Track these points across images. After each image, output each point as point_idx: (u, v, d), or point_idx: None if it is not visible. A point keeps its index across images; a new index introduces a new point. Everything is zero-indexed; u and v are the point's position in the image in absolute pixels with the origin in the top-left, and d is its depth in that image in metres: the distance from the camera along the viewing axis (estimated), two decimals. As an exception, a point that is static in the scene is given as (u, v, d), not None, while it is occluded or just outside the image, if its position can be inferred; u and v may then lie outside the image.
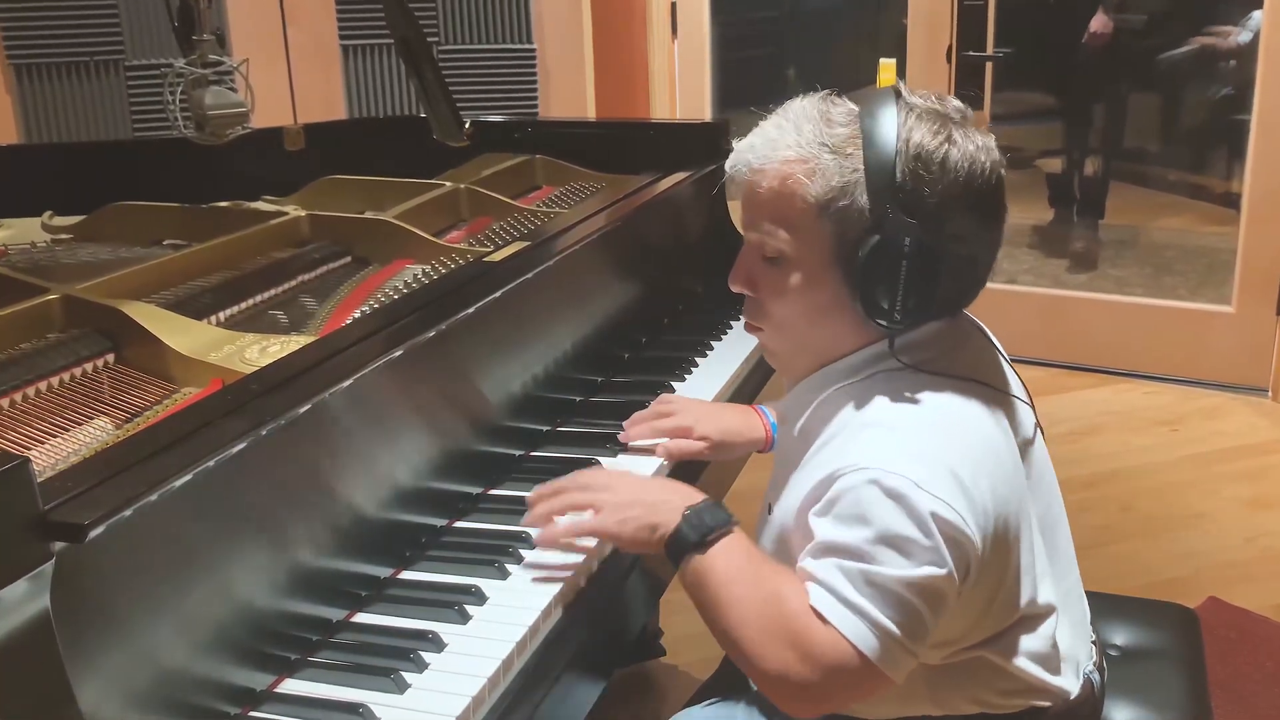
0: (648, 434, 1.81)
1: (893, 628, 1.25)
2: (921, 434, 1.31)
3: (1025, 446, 1.42)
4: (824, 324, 1.41)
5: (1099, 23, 4.83)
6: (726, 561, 1.36)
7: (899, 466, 1.26)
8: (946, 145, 1.33)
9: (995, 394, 1.41)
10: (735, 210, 1.53)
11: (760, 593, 1.32)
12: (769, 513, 1.52)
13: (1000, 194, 1.37)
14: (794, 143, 1.36)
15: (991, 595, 1.35)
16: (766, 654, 1.30)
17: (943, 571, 1.24)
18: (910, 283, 1.32)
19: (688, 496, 1.44)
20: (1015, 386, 1.47)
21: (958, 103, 1.40)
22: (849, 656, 1.25)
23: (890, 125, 1.33)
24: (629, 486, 1.51)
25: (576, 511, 1.51)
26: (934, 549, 1.24)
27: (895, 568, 1.24)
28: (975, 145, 1.35)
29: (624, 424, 1.84)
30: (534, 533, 1.57)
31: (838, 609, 1.26)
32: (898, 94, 1.37)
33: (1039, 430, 1.50)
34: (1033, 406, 1.50)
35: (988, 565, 1.30)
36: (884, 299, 1.34)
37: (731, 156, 1.43)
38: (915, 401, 1.35)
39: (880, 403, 1.35)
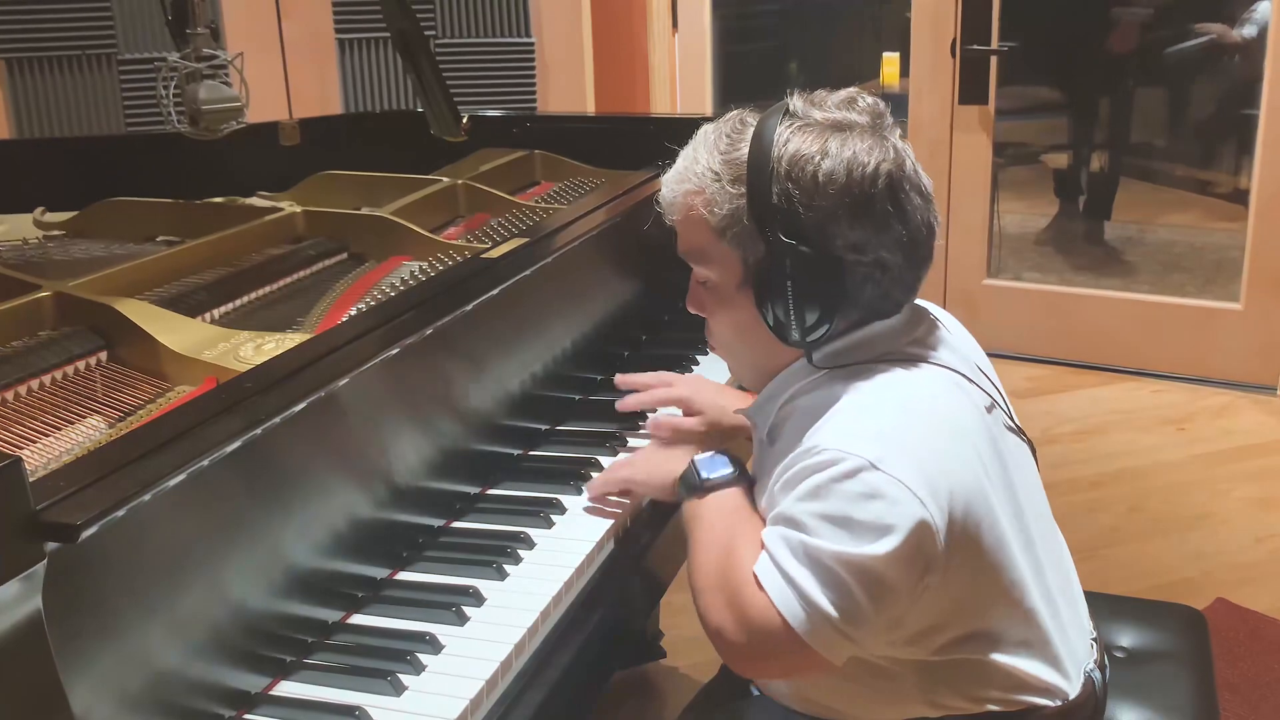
0: (646, 403, 1.85)
1: (827, 607, 1.28)
2: (880, 414, 1.34)
3: (994, 436, 1.42)
4: (754, 342, 1.45)
5: (1120, 34, 4.83)
6: (708, 513, 1.46)
7: (856, 446, 1.29)
8: (819, 158, 1.33)
9: (955, 377, 1.42)
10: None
11: (720, 547, 1.40)
12: None
13: (895, 193, 1.35)
14: (692, 174, 1.42)
15: (969, 578, 1.35)
16: (710, 606, 1.38)
17: (883, 552, 1.26)
18: (802, 301, 1.35)
19: (705, 448, 1.56)
20: (986, 384, 1.48)
21: (869, 102, 1.40)
22: (776, 625, 1.30)
23: (767, 145, 1.35)
24: (660, 450, 1.68)
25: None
26: (881, 530, 1.26)
27: (835, 543, 1.27)
28: (853, 151, 1.34)
29: (616, 379, 1.90)
30: (533, 533, 1.58)
31: (773, 576, 1.31)
32: (786, 109, 1.39)
33: (1018, 430, 1.49)
34: (1008, 404, 1.51)
35: (957, 547, 1.31)
36: (783, 316, 1.37)
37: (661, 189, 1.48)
38: (874, 389, 1.37)
39: (838, 396, 1.37)
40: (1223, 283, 4.59)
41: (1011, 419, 1.49)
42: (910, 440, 1.31)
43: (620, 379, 1.89)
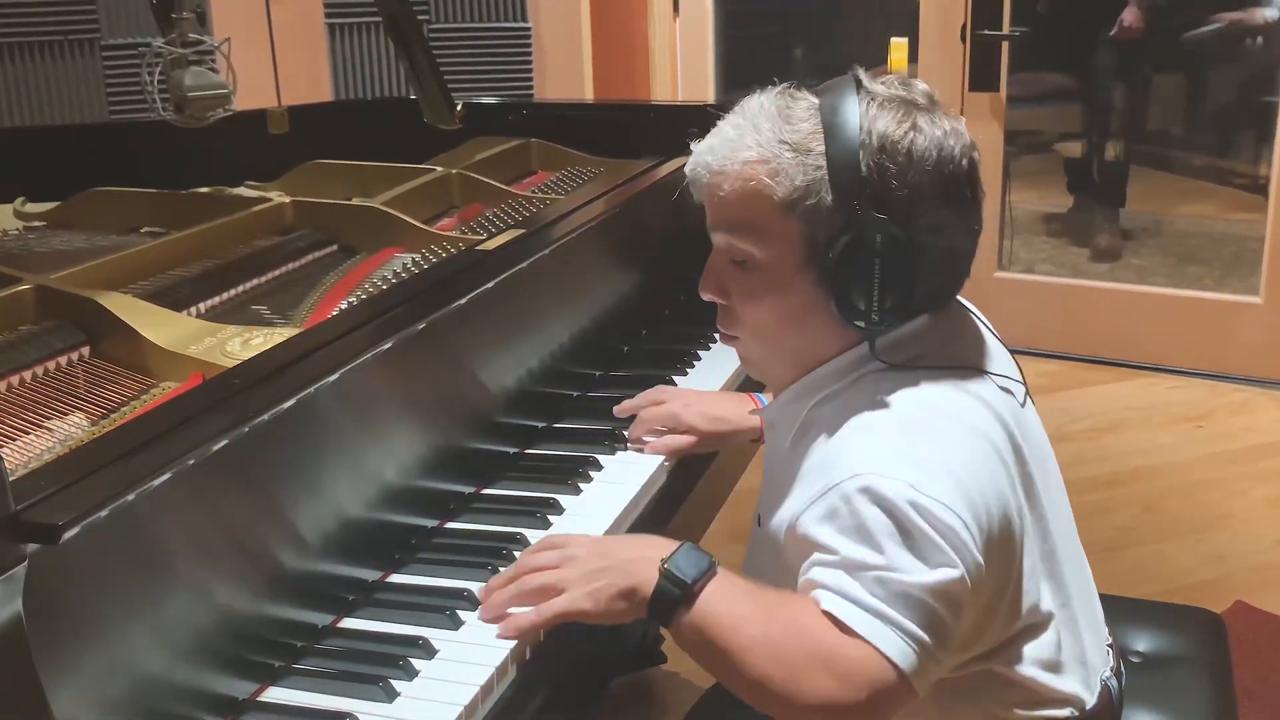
0: (644, 430, 1.83)
1: (924, 635, 1.22)
2: (915, 435, 1.31)
3: (1024, 440, 1.42)
4: (800, 329, 1.41)
5: (1131, 15, 4.82)
6: (728, 606, 1.29)
7: (894, 470, 1.25)
8: (912, 133, 1.32)
9: (993, 386, 1.41)
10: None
11: (775, 626, 1.26)
12: (758, 525, 1.52)
13: (974, 179, 1.37)
14: (754, 143, 1.36)
15: (996, 598, 1.34)
16: (803, 688, 1.22)
17: (956, 574, 1.24)
18: (886, 281, 1.32)
19: (661, 548, 1.34)
20: (1011, 367, 1.48)
21: (924, 86, 1.40)
22: (884, 670, 1.21)
23: (852, 117, 1.33)
24: (592, 551, 1.40)
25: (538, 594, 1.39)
26: (943, 551, 1.23)
27: (913, 574, 1.22)
28: (943, 130, 1.34)
29: (616, 411, 1.88)
30: (529, 534, 1.58)
31: (864, 619, 1.22)
32: (858, 83, 1.37)
33: (1039, 424, 1.49)
34: (1031, 399, 1.50)
35: (991, 566, 1.29)
36: (860, 300, 1.33)
37: (690, 160, 1.43)
38: (907, 401, 1.34)
39: (871, 406, 1.34)
40: (1242, 275, 4.60)
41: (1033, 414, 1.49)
42: (947, 459, 1.28)
43: (619, 411, 1.88)
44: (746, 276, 1.41)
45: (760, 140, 1.36)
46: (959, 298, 1.50)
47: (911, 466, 1.26)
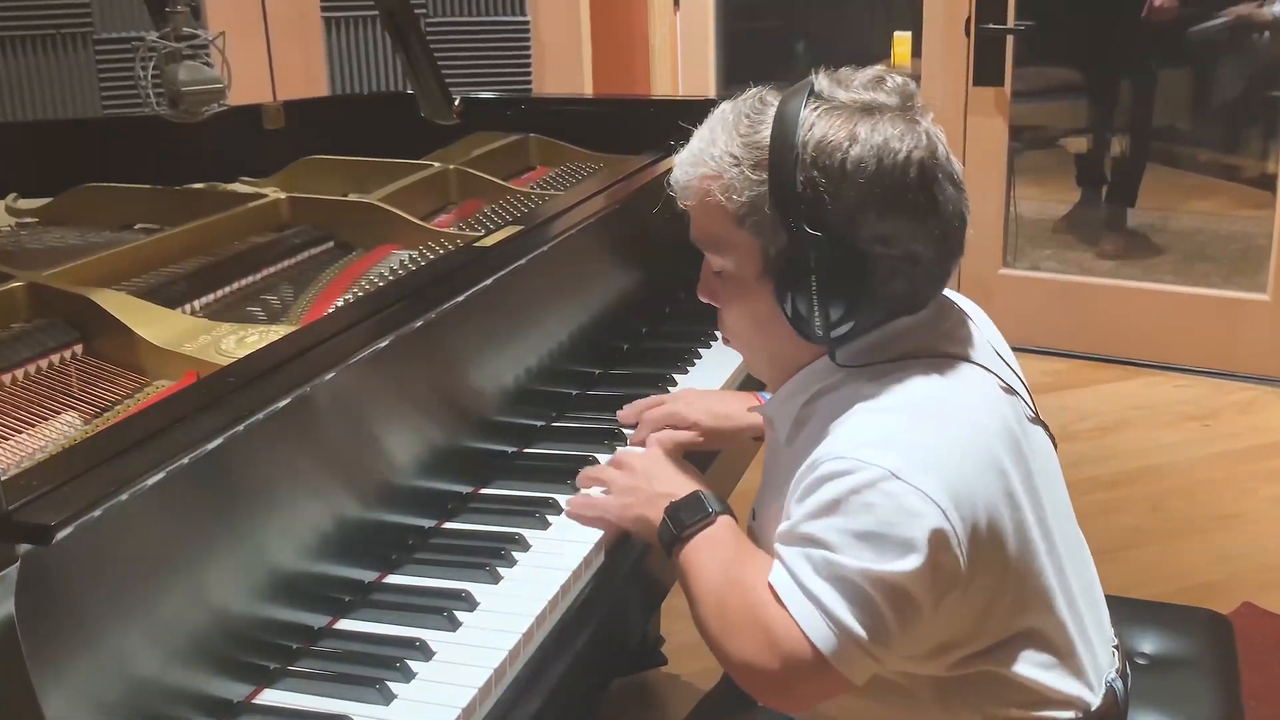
0: (646, 429, 1.83)
1: (855, 627, 1.26)
2: (905, 424, 1.32)
3: (1024, 435, 1.42)
4: (772, 335, 1.43)
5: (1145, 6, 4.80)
6: (703, 556, 1.43)
7: (877, 456, 1.27)
8: (848, 144, 1.30)
9: (984, 377, 1.41)
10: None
11: (725, 581, 1.38)
12: (753, 519, 1.55)
13: (927, 182, 1.33)
14: (709, 156, 1.39)
15: (990, 592, 1.34)
16: (730, 641, 1.35)
17: (910, 568, 1.25)
18: (827, 296, 1.33)
19: (685, 488, 1.51)
20: (1008, 373, 1.47)
21: (898, 82, 1.37)
22: (805, 650, 1.28)
23: (791, 129, 1.32)
24: (644, 472, 1.60)
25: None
26: (905, 544, 1.25)
27: (860, 560, 1.25)
28: (884, 136, 1.31)
29: (617, 415, 1.89)
30: (528, 534, 1.58)
31: (796, 596, 1.29)
32: (810, 89, 1.36)
33: (1039, 421, 1.49)
34: (1029, 395, 1.50)
35: (980, 561, 1.30)
36: (806, 313, 1.35)
37: (673, 171, 1.46)
38: (899, 394, 1.35)
39: (863, 398, 1.35)
40: (1249, 272, 4.59)
41: (1033, 410, 1.49)
42: (934, 449, 1.29)
43: (622, 417, 1.89)
44: (722, 285, 1.45)
45: (714, 154, 1.38)
46: (956, 301, 1.50)
47: (896, 453, 1.27)
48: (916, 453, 1.28)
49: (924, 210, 1.33)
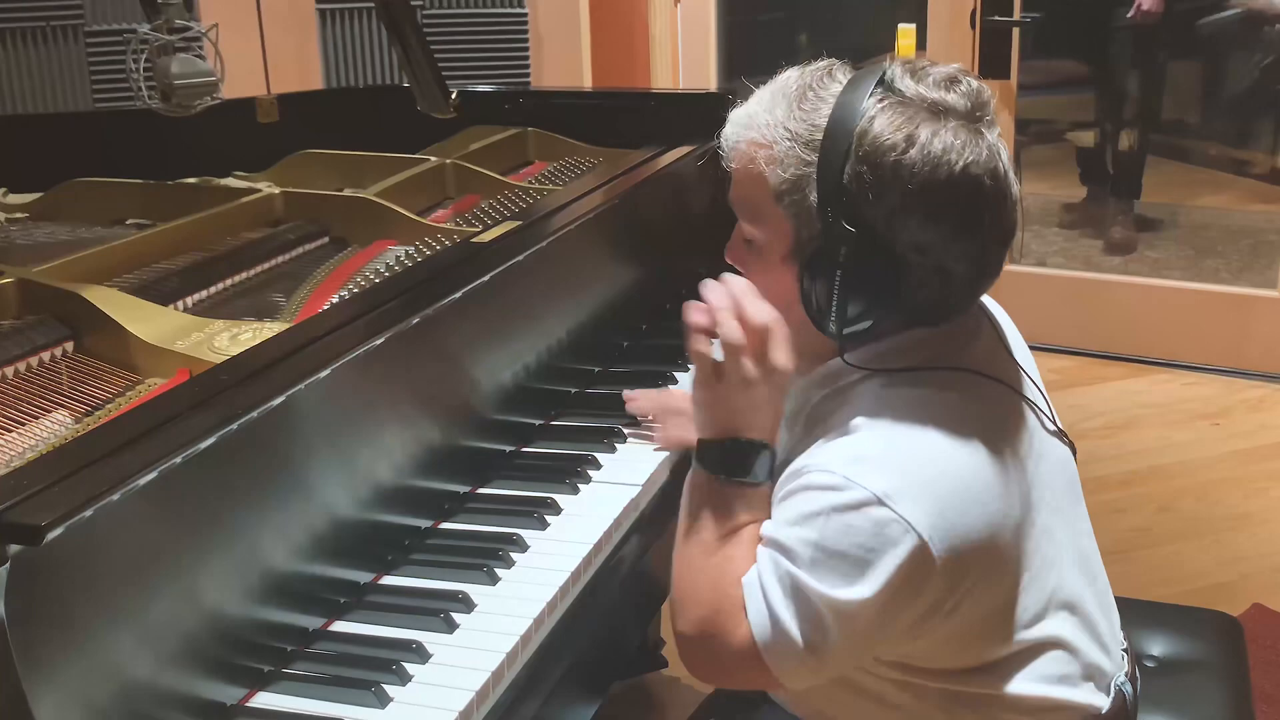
0: (647, 406, 1.85)
1: (796, 636, 1.28)
2: (906, 444, 1.29)
3: (1037, 449, 1.41)
4: (790, 317, 1.38)
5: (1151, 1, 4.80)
6: (715, 504, 1.39)
7: (867, 478, 1.25)
8: (904, 145, 1.26)
9: (999, 393, 1.39)
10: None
11: (710, 554, 1.37)
12: None
13: (978, 199, 1.29)
14: (763, 123, 1.35)
15: (985, 617, 1.34)
16: (683, 611, 1.38)
17: (868, 596, 1.25)
18: (848, 294, 1.30)
19: (765, 431, 1.39)
20: (1026, 383, 1.46)
21: (974, 85, 1.33)
22: (742, 635, 1.31)
23: (852, 117, 1.29)
24: (759, 382, 1.38)
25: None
26: (871, 571, 1.24)
27: (820, 582, 1.26)
28: (945, 145, 1.27)
29: (624, 395, 1.91)
30: (526, 535, 1.58)
31: (754, 593, 1.31)
32: (881, 77, 1.32)
33: (1059, 432, 1.48)
34: (1049, 403, 1.49)
35: (971, 589, 1.29)
36: (823, 307, 1.32)
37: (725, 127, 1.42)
38: (907, 408, 1.32)
39: (870, 409, 1.33)
40: (1260, 268, 4.60)
41: (1054, 421, 1.48)
42: (932, 475, 1.27)
43: (628, 397, 1.90)
44: (748, 255, 1.41)
45: (770, 121, 1.34)
46: (986, 306, 1.48)
47: (886, 477, 1.25)
48: (907, 479, 1.26)
49: (967, 227, 1.30)
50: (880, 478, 1.25)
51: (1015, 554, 1.34)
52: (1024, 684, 1.39)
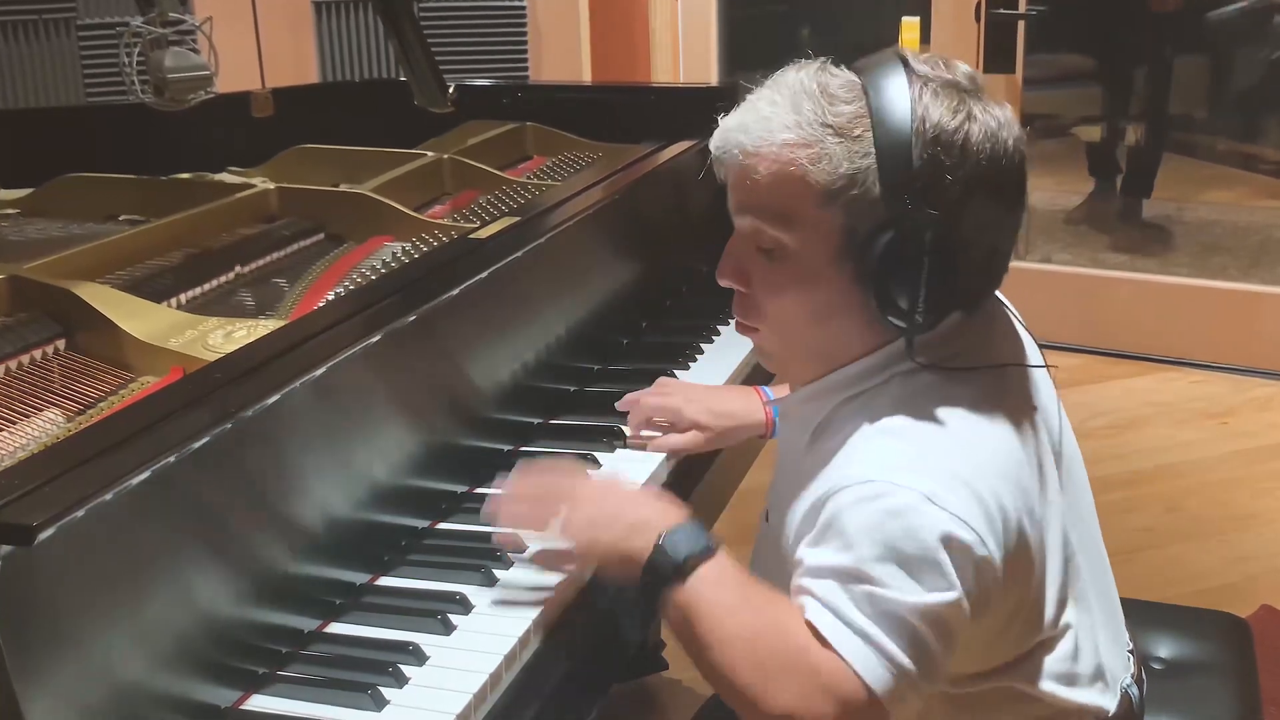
0: (641, 419, 1.83)
1: (906, 660, 1.21)
2: (937, 442, 1.28)
3: (1056, 444, 1.41)
4: (829, 325, 1.36)
5: None
6: (714, 593, 1.29)
7: (909, 480, 1.23)
8: (967, 123, 1.28)
9: (1026, 389, 1.39)
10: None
11: (758, 624, 1.26)
12: (765, 520, 1.52)
13: (1023, 173, 1.34)
14: (793, 123, 1.31)
15: (1010, 617, 1.33)
16: (770, 692, 1.23)
17: (952, 597, 1.21)
18: (931, 279, 1.28)
19: (667, 517, 1.35)
20: (1044, 379, 1.46)
21: (966, 68, 1.35)
22: (858, 690, 1.20)
23: (903, 102, 1.28)
24: (604, 500, 1.42)
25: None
26: (945, 573, 1.21)
27: (905, 593, 1.21)
28: (996, 121, 1.30)
29: (617, 405, 1.88)
30: (526, 534, 1.57)
31: (844, 634, 1.21)
32: (904, 62, 1.32)
33: (1066, 425, 1.48)
34: (1057, 399, 1.49)
35: (1007, 582, 1.28)
36: (903, 298, 1.29)
37: (718, 135, 1.38)
38: (934, 406, 1.31)
39: (897, 409, 1.31)
40: (1268, 265, 4.60)
41: (1059, 411, 1.49)
42: (969, 470, 1.26)
43: (622, 405, 1.88)
44: (773, 266, 1.36)
45: (801, 120, 1.30)
46: (999, 296, 1.48)
47: (929, 477, 1.24)
48: (951, 476, 1.24)
49: (1016, 202, 1.33)
50: (921, 478, 1.23)
51: (1041, 548, 1.34)
52: (1032, 685, 1.39)
